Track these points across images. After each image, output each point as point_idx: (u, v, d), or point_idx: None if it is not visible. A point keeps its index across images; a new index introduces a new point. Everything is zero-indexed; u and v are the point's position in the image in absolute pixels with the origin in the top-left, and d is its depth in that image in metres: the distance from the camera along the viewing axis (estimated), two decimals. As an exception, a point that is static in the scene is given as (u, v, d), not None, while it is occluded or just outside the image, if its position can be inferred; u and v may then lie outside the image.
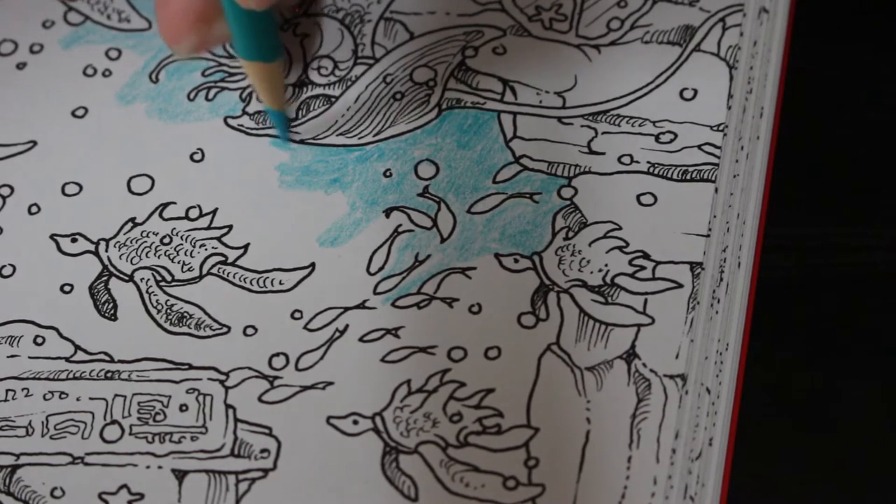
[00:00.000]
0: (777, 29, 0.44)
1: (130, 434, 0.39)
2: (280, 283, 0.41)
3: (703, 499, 0.38)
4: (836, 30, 0.49)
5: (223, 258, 0.42)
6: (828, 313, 0.44)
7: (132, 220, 0.43)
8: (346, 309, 0.41)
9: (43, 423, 0.40)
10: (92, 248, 0.43)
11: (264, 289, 0.41)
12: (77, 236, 0.43)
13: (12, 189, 0.44)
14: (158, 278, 0.42)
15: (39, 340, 0.41)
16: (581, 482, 0.37)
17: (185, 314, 0.41)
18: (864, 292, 0.44)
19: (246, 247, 0.42)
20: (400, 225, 0.42)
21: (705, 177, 0.41)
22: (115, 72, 0.46)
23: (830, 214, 0.46)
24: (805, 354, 0.44)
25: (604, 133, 0.42)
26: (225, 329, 0.41)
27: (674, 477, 0.37)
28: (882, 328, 0.44)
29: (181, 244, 0.42)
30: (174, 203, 0.43)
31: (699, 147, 0.42)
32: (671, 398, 0.38)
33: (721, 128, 0.42)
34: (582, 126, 0.43)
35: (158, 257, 0.42)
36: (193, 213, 0.43)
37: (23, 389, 0.40)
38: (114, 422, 0.40)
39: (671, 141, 0.42)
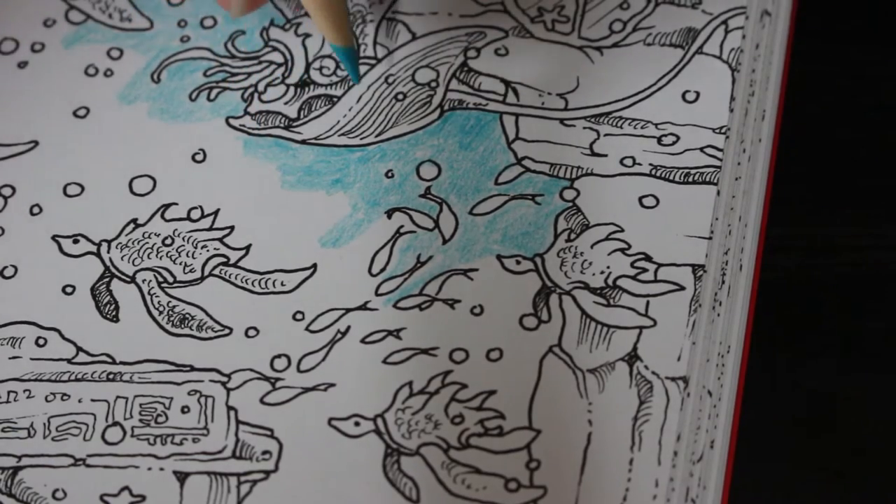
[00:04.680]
0: (779, 31, 0.44)
1: (132, 436, 0.39)
2: (282, 284, 0.41)
3: (705, 501, 0.38)
4: (837, 32, 0.49)
5: (225, 259, 0.42)
6: (828, 313, 0.44)
7: (134, 220, 0.43)
8: (348, 310, 0.41)
9: (45, 424, 0.40)
10: (94, 249, 0.43)
11: (266, 290, 0.41)
12: (79, 237, 0.43)
13: (14, 189, 0.44)
14: (160, 279, 0.42)
15: (41, 342, 0.41)
16: (583, 484, 0.37)
17: (187, 315, 0.41)
18: (864, 292, 0.44)
19: (248, 248, 0.42)
20: (402, 226, 0.42)
21: (707, 179, 0.41)
22: (117, 71, 0.46)
23: (830, 214, 0.46)
24: (805, 355, 0.44)
25: (606, 135, 0.42)
26: (227, 330, 0.41)
27: (675, 479, 0.37)
28: (882, 328, 0.44)
29: (183, 245, 0.42)
30: (176, 204, 0.43)
31: (701, 149, 0.42)
32: (673, 400, 0.38)
33: (723, 130, 0.42)
34: (584, 128, 0.43)
35: (160, 258, 0.42)
36: (195, 214, 0.43)
37: (24, 391, 0.40)
38: (115, 423, 0.40)
39: (673, 143, 0.42)
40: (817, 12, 0.48)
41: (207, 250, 0.42)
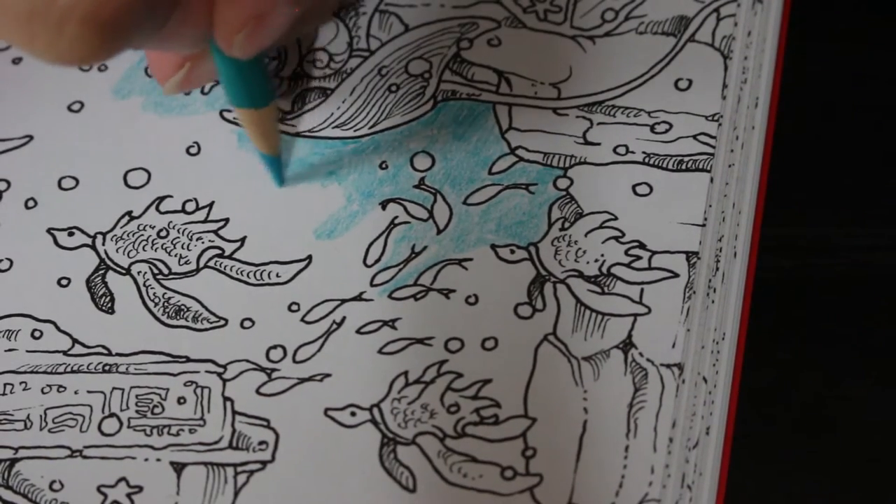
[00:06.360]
0: (771, 19, 0.44)
1: (129, 427, 0.39)
2: (277, 275, 0.41)
3: (701, 487, 0.38)
4: (832, 20, 0.49)
5: (220, 251, 0.42)
6: (827, 313, 0.44)
7: (129, 213, 0.43)
8: (344, 301, 0.41)
9: (41, 416, 0.40)
10: (89, 241, 0.43)
11: (261, 281, 0.41)
12: (74, 230, 0.43)
13: (9, 183, 0.44)
14: (155, 271, 0.42)
15: (37, 334, 0.41)
16: (578, 472, 0.37)
17: (183, 307, 0.41)
18: (863, 292, 0.44)
19: (243, 240, 0.42)
20: (396, 217, 0.42)
21: (700, 167, 0.41)
22: (111, 66, 0.46)
23: (830, 214, 0.46)
24: (804, 353, 0.43)
25: (599, 124, 0.43)
26: (222, 322, 0.41)
27: (671, 466, 0.37)
28: (881, 328, 0.43)
29: (178, 237, 0.42)
30: (171, 196, 0.43)
31: (694, 137, 0.42)
32: (668, 387, 0.38)
33: (716, 117, 0.42)
34: (577, 117, 0.43)
35: (155, 250, 0.42)
36: (190, 207, 0.43)
37: (21, 383, 0.41)
38: (112, 415, 0.40)
39: (666, 131, 0.42)
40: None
41: (202, 242, 0.42)
